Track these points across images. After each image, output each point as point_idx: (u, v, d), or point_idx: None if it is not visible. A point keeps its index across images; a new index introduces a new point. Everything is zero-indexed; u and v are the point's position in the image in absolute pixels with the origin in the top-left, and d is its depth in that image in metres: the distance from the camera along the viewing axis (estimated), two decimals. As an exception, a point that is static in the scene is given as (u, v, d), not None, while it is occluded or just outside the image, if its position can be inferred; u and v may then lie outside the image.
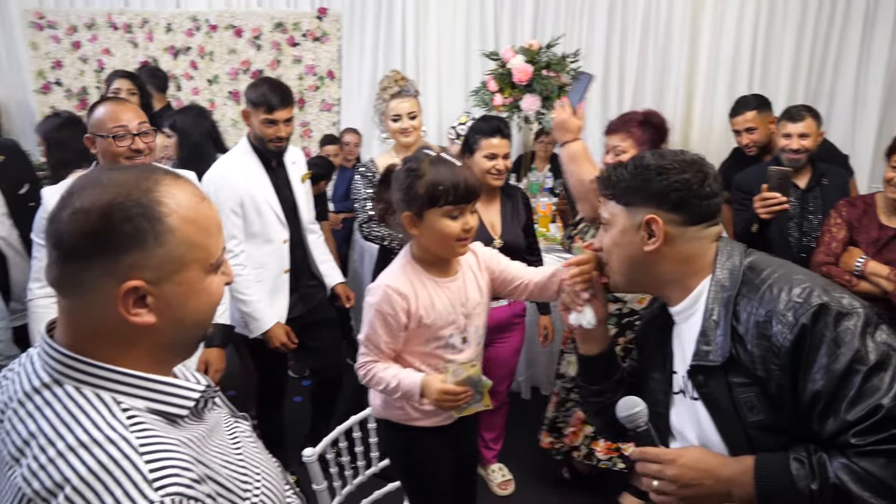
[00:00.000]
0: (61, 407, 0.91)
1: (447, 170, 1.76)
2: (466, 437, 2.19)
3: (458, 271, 1.94)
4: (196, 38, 6.01)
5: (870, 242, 2.61)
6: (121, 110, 2.28)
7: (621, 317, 2.71)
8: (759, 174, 3.10)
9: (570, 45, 5.22)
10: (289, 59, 5.94)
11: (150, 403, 0.96)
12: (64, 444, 0.87)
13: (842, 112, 5.24)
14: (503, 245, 2.72)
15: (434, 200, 1.74)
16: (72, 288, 0.94)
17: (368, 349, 1.89)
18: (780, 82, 5.22)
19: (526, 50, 4.27)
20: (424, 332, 1.88)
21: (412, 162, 1.80)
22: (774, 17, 5.13)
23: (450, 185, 1.73)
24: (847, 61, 5.13)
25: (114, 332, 0.95)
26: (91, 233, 0.90)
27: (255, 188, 2.73)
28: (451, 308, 1.89)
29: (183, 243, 0.95)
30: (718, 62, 5.26)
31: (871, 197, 2.71)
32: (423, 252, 1.88)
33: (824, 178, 3.01)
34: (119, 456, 0.86)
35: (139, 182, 0.94)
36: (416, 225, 1.79)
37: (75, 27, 6.18)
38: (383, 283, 1.83)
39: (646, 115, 2.64)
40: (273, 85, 2.74)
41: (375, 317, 1.83)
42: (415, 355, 1.91)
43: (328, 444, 2.15)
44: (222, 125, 6.10)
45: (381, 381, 1.86)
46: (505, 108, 4.35)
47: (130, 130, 2.25)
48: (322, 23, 5.83)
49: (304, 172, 2.94)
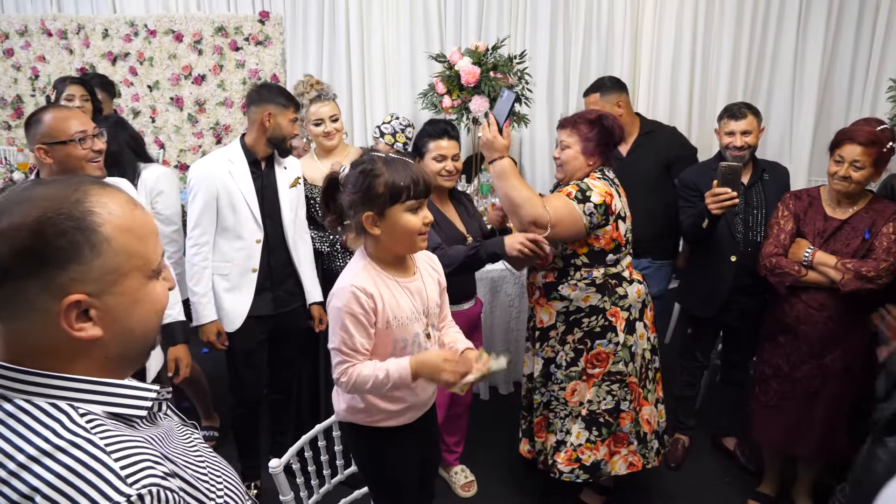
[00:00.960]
0: (14, 421, 0.87)
1: (403, 166, 1.81)
2: (430, 437, 2.20)
3: (416, 271, 1.97)
4: (134, 43, 5.87)
5: (816, 234, 2.70)
6: (73, 115, 2.27)
7: (568, 314, 2.72)
8: (704, 171, 3.18)
9: (515, 46, 5.28)
10: (231, 64, 5.84)
11: (106, 407, 0.94)
12: (25, 456, 0.84)
13: (780, 108, 5.40)
14: (473, 240, 2.77)
15: (396, 197, 1.78)
16: (9, 309, 0.90)
17: (344, 354, 1.85)
18: (719, 80, 5.35)
19: (472, 52, 4.29)
20: (391, 333, 1.88)
21: (365, 164, 1.81)
22: (712, 17, 5.26)
23: (410, 180, 1.78)
24: (783, 59, 5.29)
25: (60, 350, 0.92)
26: (24, 251, 0.87)
27: (236, 185, 2.75)
28: (414, 307, 1.91)
29: (120, 252, 0.93)
30: (660, 62, 5.37)
31: (815, 190, 2.81)
32: (381, 252, 1.89)
33: (765, 173, 3.11)
34: (86, 457, 0.84)
35: (68, 194, 0.91)
36: (378, 224, 1.81)
37: (7, 34, 5.98)
38: (348, 284, 1.82)
39: (599, 116, 2.67)
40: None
41: (347, 320, 1.81)
42: (382, 357, 1.90)
43: (294, 455, 2.13)
44: (165, 131, 6.01)
45: (367, 379, 1.83)
46: (454, 109, 4.36)
47: (89, 133, 2.25)
48: (264, 26, 5.75)
49: (295, 177, 2.94)
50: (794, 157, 5.42)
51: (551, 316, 2.75)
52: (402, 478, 2.09)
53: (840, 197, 2.68)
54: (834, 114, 5.32)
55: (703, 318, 3.23)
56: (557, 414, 2.81)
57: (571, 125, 2.68)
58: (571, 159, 2.66)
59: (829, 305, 2.65)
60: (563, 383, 2.76)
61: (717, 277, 3.08)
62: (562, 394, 2.77)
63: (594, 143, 2.63)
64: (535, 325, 2.82)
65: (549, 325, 2.76)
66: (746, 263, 2.99)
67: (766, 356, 2.87)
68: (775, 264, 2.71)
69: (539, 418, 2.88)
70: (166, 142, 6.05)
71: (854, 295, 2.56)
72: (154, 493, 0.86)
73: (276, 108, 2.77)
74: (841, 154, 2.60)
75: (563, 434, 2.79)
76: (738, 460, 3.36)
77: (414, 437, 2.06)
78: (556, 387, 2.78)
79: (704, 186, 3.06)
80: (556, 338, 2.76)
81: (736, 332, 3.23)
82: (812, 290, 2.67)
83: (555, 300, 2.72)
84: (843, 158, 2.59)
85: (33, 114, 2.29)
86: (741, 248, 3.02)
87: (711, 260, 3.09)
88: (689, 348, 3.40)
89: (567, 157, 2.66)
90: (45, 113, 2.25)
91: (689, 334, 3.41)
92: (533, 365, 2.87)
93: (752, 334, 3.17)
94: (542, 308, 2.77)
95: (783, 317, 2.77)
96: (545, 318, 2.77)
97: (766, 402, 2.85)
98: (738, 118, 3.01)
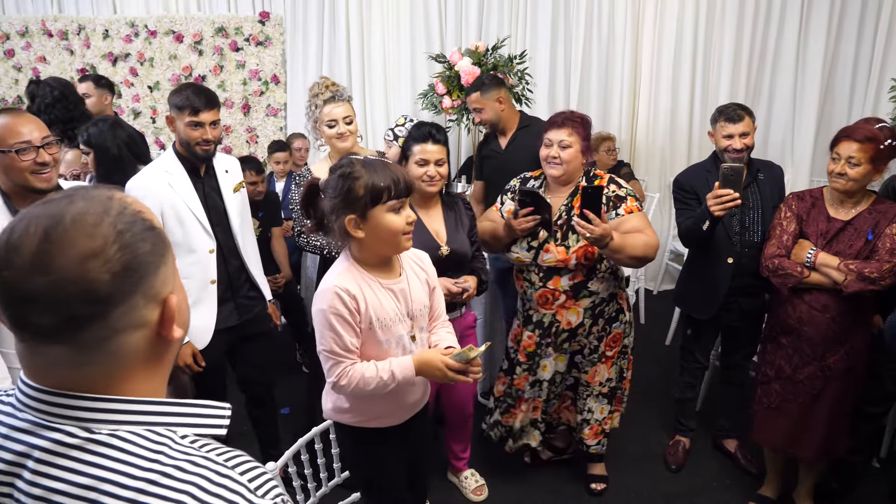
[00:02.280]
0: (114, 450, 0.81)
1: (382, 167, 1.80)
2: (419, 436, 2.17)
3: (402, 273, 1.95)
4: (135, 44, 5.87)
5: (819, 235, 2.68)
6: (20, 123, 2.12)
7: (594, 308, 2.82)
8: (699, 173, 3.16)
9: (516, 46, 5.27)
10: (232, 65, 5.84)
11: (196, 430, 0.89)
12: (145, 481, 0.79)
13: (782, 109, 5.39)
14: (450, 252, 2.66)
15: (377, 198, 1.77)
16: (98, 344, 0.81)
17: (337, 356, 1.84)
18: (721, 81, 5.34)
19: (472, 52, 4.28)
20: (375, 334, 1.86)
21: (344, 168, 1.81)
22: (713, 18, 5.25)
23: (390, 180, 1.78)
24: (785, 60, 5.28)
25: (141, 364, 0.86)
26: (124, 270, 0.80)
27: (178, 197, 2.62)
28: (398, 308, 1.90)
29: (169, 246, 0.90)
30: (661, 63, 5.36)
31: (818, 191, 2.79)
32: (365, 254, 1.87)
33: (760, 173, 3.08)
34: (213, 475, 0.81)
35: (111, 203, 0.84)
36: (360, 227, 1.80)
37: (7, 35, 5.98)
38: (331, 286, 1.81)
39: (581, 117, 2.81)
40: (196, 88, 2.66)
41: (334, 320, 1.80)
42: (370, 359, 1.89)
43: (290, 458, 2.11)
44: (165, 132, 6.01)
45: (370, 381, 1.83)
46: (454, 110, 4.36)
47: (34, 144, 2.11)
48: (265, 27, 5.75)
49: (238, 181, 2.84)
50: (795, 159, 5.42)
51: (579, 315, 2.82)
52: (389, 478, 2.07)
53: (842, 197, 2.66)
54: (836, 115, 5.31)
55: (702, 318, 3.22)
56: (580, 395, 3.04)
57: (571, 125, 2.75)
58: (573, 158, 2.74)
59: (832, 307, 2.62)
60: (586, 367, 2.97)
61: (714, 279, 3.06)
62: (584, 377, 2.99)
63: (588, 143, 2.79)
64: (560, 328, 2.85)
65: (577, 325, 2.84)
66: (745, 263, 2.97)
67: (767, 358, 2.85)
68: (778, 265, 2.69)
69: (560, 403, 3.10)
70: (167, 142, 6.05)
71: (857, 296, 2.54)
72: (285, 500, 0.85)
73: (173, 111, 2.64)
74: (838, 151, 2.58)
75: (587, 413, 3.03)
76: (739, 462, 3.33)
77: (402, 437, 2.05)
78: (580, 373, 2.99)
79: (700, 189, 3.04)
80: (584, 333, 2.87)
81: (735, 332, 3.21)
82: (815, 291, 2.65)
83: (583, 298, 2.79)
84: (840, 155, 2.57)
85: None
86: (738, 249, 3.00)
87: (708, 262, 3.07)
88: (689, 349, 3.38)
89: (569, 156, 2.73)
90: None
91: (688, 335, 3.39)
92: (556, 363, 2.95)
93: (752, 334, 3.15)
94: (569, 310, 2.81)
95: (785, 318, 2.75)
96: (573, 319, 2.82)
97: (768, 403, 2.83)
98: (735, 121, 2.99)
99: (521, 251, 2.80)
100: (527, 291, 2.88)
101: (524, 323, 2.96)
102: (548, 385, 2.98)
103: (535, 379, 2.98)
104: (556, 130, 2.76)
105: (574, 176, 2.80)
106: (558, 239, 2.74)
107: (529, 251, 2.79)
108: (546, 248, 2.75)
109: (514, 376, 3.01)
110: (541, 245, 2.77)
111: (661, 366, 4.28)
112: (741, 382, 3.34)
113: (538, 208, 2.64)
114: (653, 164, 5.61)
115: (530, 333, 2.92)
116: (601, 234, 2.50)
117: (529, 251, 2.79)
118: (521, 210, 2.68)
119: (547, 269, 2.78)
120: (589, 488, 3.17)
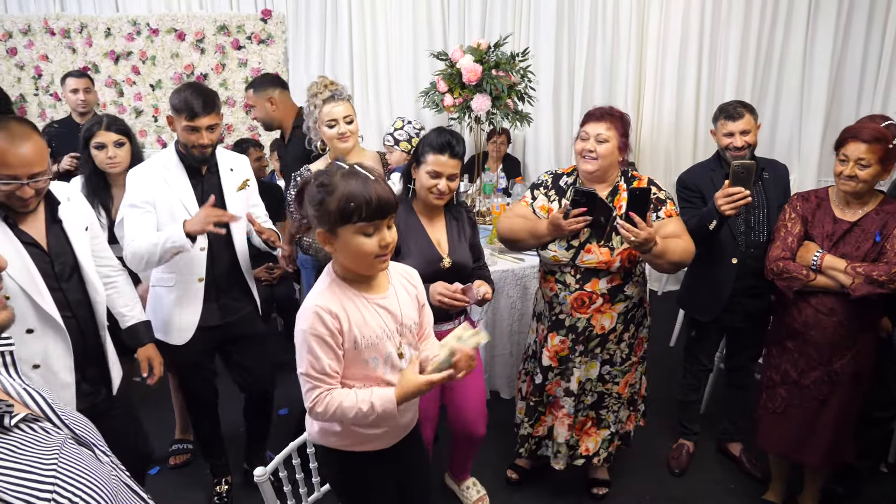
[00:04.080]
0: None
1: (359, 184, 1.65)
2: (412, 460, 2.09)
3: (389, 287, 1.85)
4: (137, 42, 5.84)
5: (825, 236, 2.61)
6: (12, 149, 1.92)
7: (626, 313, 2.76)
8: (703, 172, 3.11)
9: (519, 43, 5.22)
10: (234, 63, 5.81)
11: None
12: None
13: (788, 108, 5.33)
14: (452, 264, 2.54)
15: (346, 217, 1.64)
16: None
17: (314, 380, 1.75)
18: (726, 79, 5.28)
19: (474, 49, 4.23)
20: (361, 353, 1.77)
21: (324, 176, 1.69)
22: (719, 15, 5.19)
23: (362, 200, 1.62)
24: (792, 58, 5.22)
25: None
26: None
27: (172, 193, 2.61)
28: (385, 325, 1.79)
29: None
30: (666, 61, 5.31)
31: (824, 191, 2.72)
32: (346, 269, 1.77)
33: (765, 171, 3.03)
34: None
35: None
36: (331, 242, 1.70)
37: (10, 33, 5.96)
38: (312, 305, 1.71)
39: (620, 112, 2.73)
40: (196, 90, 2.60)
41: (313, 342, 1.71)
42: (355, 379, 1.80)
43: (280, 462, 2.07)
44: (167, 131, 5.98)
45: (349, 410, 1.73)
46: (455, 108, 4.31)
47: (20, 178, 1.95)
48: (267, 25, 5.72)
49: (243, 179, 2.80)
50: (802, 158, 5.35)
51: (612, 319, 2.74)
52: (380, 501, 1.99)
53: (849, 198, 2.60)
54: (843, 113, 5.24)
55: (706, 320, 3.17)
56: (610, 408, 2.92)
57: (610, 119, 2.66)
58: (610, 154, 2.64)
59: (839, 310, 2.56)
60: (618, 378, 2.86)
61: (718, 280, 3.01)
62: (614, 388, 2.88)
63: (626, 140, 2.69)
64: (594, 333, 2.75)
65: (609, 330, 2.75)
66: (749, 264, 2.92)
67: (773, 362, 2.80)
68: (783, 268, 2.63)
69: (583, 419, 2.92)
70: (168, 141, 6.02)
71: (864, 299, 2.48)
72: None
73: (173, 112, 2.62)
74: (845, 153, 2.52)
75: (616, 425, 2.95)
76: (744, 466, 3.29)
77: (392, 461, 1.96)
78: (611, 384, 2.87)
79: (705, 188, 3.00)
80: (615, 339, 2.79)
81: (740, 333, 3.16)
82: (821, 294, 2.59)
83: (619, 302, 2.72)
84: (848, 157, 2.51)
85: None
86: (743, 249, 2.95)
87: (712, 263, 3.02)
88: (693, 351, 3.33)
89: (606, 151, 2.63)
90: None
91: (692, 337, 3.34)
92: (587, 372, 2.84)
93: (757, 336, 3.10)
94: (604, 314, 2.73)
95: (791, 322, 2.69)
96: (606, 324, 2.74)
97: (774, 408, 2.78)
98: (735, 119, 2.94)
99: (560, 250, 2.68)
100: (559, 294, 2.76)
101: (553, 327, 2.82)
102: (574, 399, 2.86)
103: (567, 386, 2.86)
104: (595, 124, 2.66)
105: (609, 173, 2.69)
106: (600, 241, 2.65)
107: (569, 250, 2.67)
108: (587, 249, 2.65)
109: (546, 382, 2.90)
110: (581, 245, 2.66)
111: (664, 368, 4.23)
112: (746, 385, 3.29)
113: (592, 210, 2.52)
114: (657, 163, 5.55)
115: (563, 338, 2.80)
116: (646, 238, 2.43)
117: (569, 250, 2.67)
118: (572, 210, 2.55)
119: (585, 271, 2.68)
120: (591, 492, 3.12)
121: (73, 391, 2.17)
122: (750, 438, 3.06)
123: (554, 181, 2.83)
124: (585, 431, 2.95)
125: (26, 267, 2.02)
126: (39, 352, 2.08)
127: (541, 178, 2.89)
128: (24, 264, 2.02)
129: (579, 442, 2.96)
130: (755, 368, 3.29)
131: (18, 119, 2.04)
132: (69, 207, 2.22)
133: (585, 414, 2.92)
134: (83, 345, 2.19)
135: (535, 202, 2.82)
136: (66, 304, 2.13)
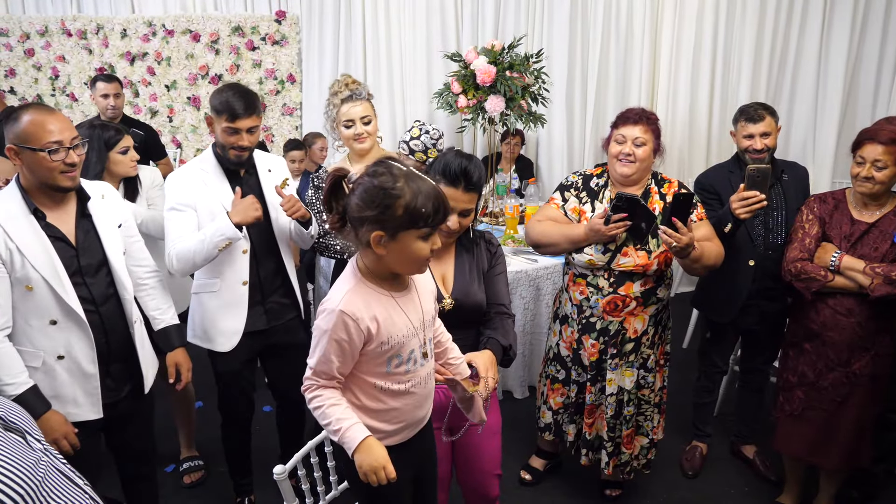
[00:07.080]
0: None
1: (428, 191, 1.62)
2: (425, 454, 2.09)
3: (410, 283, 1.84)
4: (152, 43, 5.89)
5: (843, 237, 2.61)
6: (52, 121, 2.06)
7: (657, 315, 2.77)
8: (721, 174, 3.10)
9: (533, 45, 5.22)
10: (248, 64, 5.84)
11: None
12: None
13: (803, 109, 5.29)
14: (453, 305, 2.23)
15: (414, 223, 1.61)
16: None
17: (318, 375, 1.75)
18: (741, 80, 5.26)
19: (488, 51, 4.23)
20: (387, 352, 1.76)
21: (385, 178, 1.63)
22: (733, 15, 5.17)
23: (432, 208, 1.61)
24: (807, 58, 5.19)
25: None
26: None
27: (212, 195, 2.57)
28: (410, 322, 1.79)
29: None
30: (679, 61, 5.29)
31: (841, 192, 2.71)
32: (377, 267, 1.74)
33: (784, 173, 3.02)
34: None
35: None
36: (386, 245, 1.65)
37: (28, 34, 6.02)
38: (337, 310, 1.68)
39: (655, 115, 2.74)
40: (238, 91, 2.54)
41: (329, 344, 1.69)
42: (375, 376, 1.79)
43: (299, 461, 2.09)
44: (182, 131, 6.03)
45: (326, 417, 1.75)
46: (469, 109, 4.31)
47: (64, 144, 2.06)
48: (281, 26, 5.75)
49: (283, 179, 2.71)
50: (817, 159, 5.32)
51: (644, 322, 2.73)
52: (394, 493, 1.99)
53: (866, 199, 2.59)
54: (859, 114, 5.21)
55: (722, 322, 3.16)
56: (647, 416, 2.90)
57: (646, 122, 2.66)
58: (647, 157, 2.65)
59: (857, 311, 2.55)
60: (653, 385, 2.85)
61: (735, 282, 3.00)
62: (651, 395, 2.87)
63: (659, 142, 2.71)
64: (627, 337, 2.73)
65: (641, 333, 2.74)
66: (767, 266, 2.91)
67: (790, 364, 2.79)
68: (801, 269, 2.62)
69: (629, 430, 2.88)
70: (183, 141, 6.07)
71: (883, 301, 2.48)
72: None
73: (212, 113, 2.56)
74: (862, 155, 2.51)
75: (651, 433, 2.94)
76: (758, 469, 3.27)
77: (406, 455, 1.94)
78: (647, 390, 2.85)
79: (722, 190, 2.98)
80: (647, 343, 2.78)
81: (756, 336, 3.15)
82: (839, 295, 2.58)
83: (651, 305, 2.72)
84: (865, 159, 2.50)
85: (13, 109, 2.14)
86: (761, 251, 2.94)
87: (729, 264, 3.00)
88: (708, 353, 3.33)
89: (644, 154, 2.63)
90: (24, 112, 2.06)
91: (707, 338, 3.33)
92: (624, 379, 2.80)
93: (773, 339, 3.09)
94: (637, 317, 2.71)
95: (809, 323, 2.68)
96: (639, 327, 2.73)
97: (791, 411, 2.77)
98: (755, 121, 2.93)
99: (596, 254, 2.65)
100: (590, 297, 2.73)
101: (584, 330, 2.79)
102: (615, 401, 2.82)
103: (601, 387, 2.84)
104: (631, 127, 2.65)
105: (644, 176, 2.70)
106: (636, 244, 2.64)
107: (605, 254, 2.65)
108: (624, 252, 2.63)
109: (577, 385, 2.88)
110: (618, 248, 2.64)
111: (678, 369, 4.21)
112: (761, 388, 3.28)
113: (633, 215, 2.49)
114: (671, 164, 5.53)
115: (594, 342, 2.77)
116: (688, 243, 2.44)
117: (605, 254, 2.65)
118: (613, 215, 2.50)
119: (619, 274, 2.66)
120: (604, 494, 3.11)
121: (97, 383, 2.20)
122: (764, 441, 3.04)
123: (584, 183, 2.81)
124: (626, 438, 2.89)
125: (51, 260, 2.07)
126: (63, 343, 2.12)
127: (569, 179, 2.86)
128: (49, 257, 2.07)
129: (621, 447, 2.91)
130: (770, 371, 3.28)
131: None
132: (101, 204, 2.26)
133: (629, 426, 2.87)
134: (107, 339, 2.21)
135: (567, 204, 2.79)
136: (91, 298, 2.17)
